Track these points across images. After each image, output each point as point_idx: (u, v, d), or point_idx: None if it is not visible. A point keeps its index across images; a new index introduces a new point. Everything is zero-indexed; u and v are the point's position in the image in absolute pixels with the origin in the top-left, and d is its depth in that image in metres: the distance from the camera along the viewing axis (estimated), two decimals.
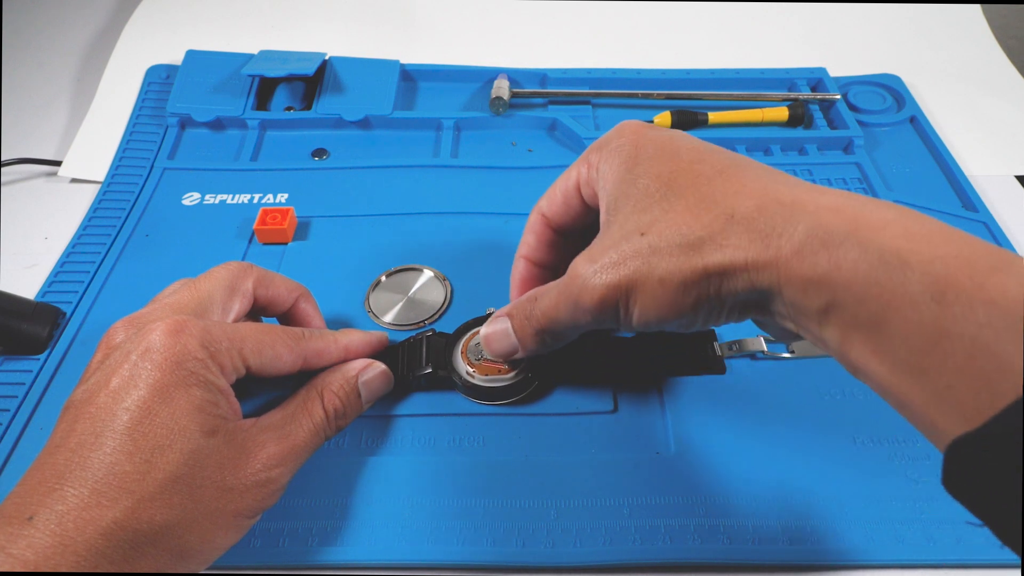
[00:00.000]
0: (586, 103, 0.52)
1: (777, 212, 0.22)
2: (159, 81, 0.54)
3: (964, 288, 0.18)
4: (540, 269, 0.33)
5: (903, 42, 0.59)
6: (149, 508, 0.23)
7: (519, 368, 0.33)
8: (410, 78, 0.55)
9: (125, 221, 0.45)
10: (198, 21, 0.59)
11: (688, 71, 0.54)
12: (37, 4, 0.66)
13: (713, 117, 0.50)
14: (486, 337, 0.31)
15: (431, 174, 0.47)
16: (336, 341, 0.32)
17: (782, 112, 0.51)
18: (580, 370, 0.35)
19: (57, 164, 0.49)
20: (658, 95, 0.52)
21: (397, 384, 0.33)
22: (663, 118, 0.50)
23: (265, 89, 0.53)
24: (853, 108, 0.52)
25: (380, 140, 0.51)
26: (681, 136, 0.27)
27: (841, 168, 0.48)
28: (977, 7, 0.61)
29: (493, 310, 0.36)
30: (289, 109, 0.52)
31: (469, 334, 0.35)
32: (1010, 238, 0.43)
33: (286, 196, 0.46)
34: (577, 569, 0.29)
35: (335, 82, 0.52)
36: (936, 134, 0.50)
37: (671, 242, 0.24)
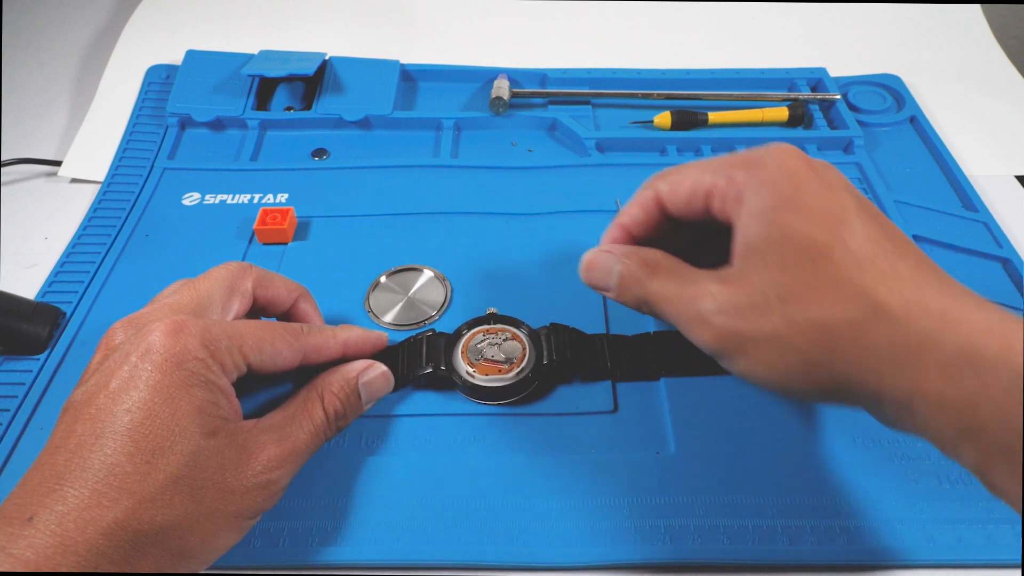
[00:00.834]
0: (586, 103, 0.52)
1: (923, 320, 0.22)
2: (159, 81, 0.54)
3: None
4: (633, 239, 0.31)
5: (903, 42, 0.59)
6: (150, 509, 0.23)
7: (519, 368, 0.33)
8: (410, 78, 0.55)
9: (125, 221, 0.45)
10: (198, 21, 0.59)
11: (688, 71, 0.54)
12: (37, 4, 0.66)
13: (713, 117, 0.50)
14: (590, 262, 0.30)
15: (431, 174, 0.47)
16: (335, 336, 0.32)
17: (782, 112, 0.51)
18: (582, 369, 0.35)
19: (57, 164, 0.49)
20: (658, 95, 0.52)
21: (397, 384, 0.33)
22: (663, 118, 0.50)
23: (265, 89, 0.53)
24: (853, 108, 0.52)
25: (380, 140, 0.51)
26: (841, 187, 0.26)
27: (841, 168, 0.47)
28: (977, 7, 0.61)
29: (494, 310, 0.36)
30: (289, 109, 0.52)
31: (469, 334, 0.35)
32: (1010, 238, 0.43)
33: (286, 196, 0.46)
34: (577, 569, 0.29)
35: (335, 82, 0.52)
36: (936, 134, 0.50)
37: (806, 319, 0.23)
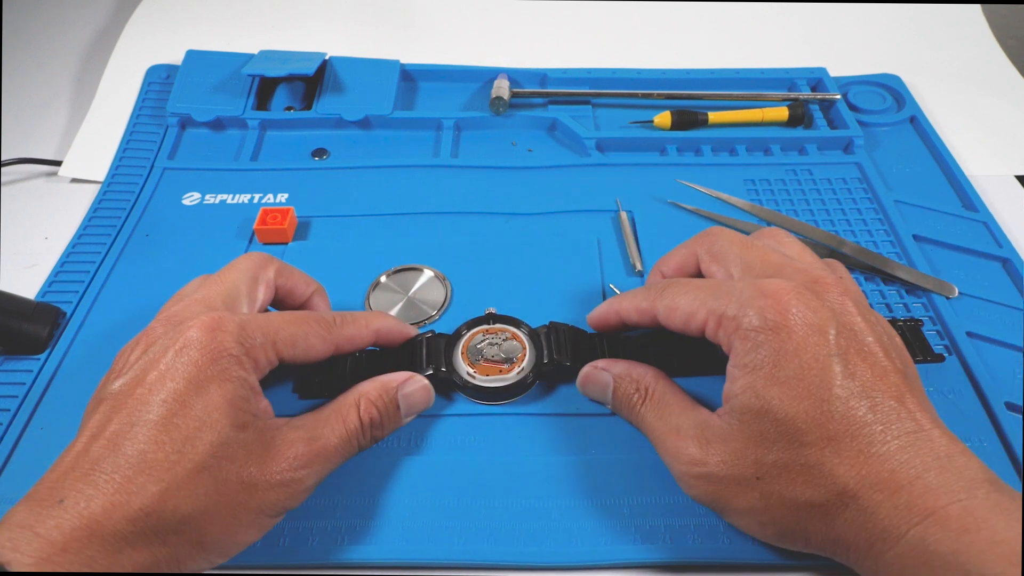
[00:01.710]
0: (586, 103, 0.52)
1: (886, 510, 0.23)
2: (159, 81, 0.54)
3: None
4: (624, 327, 0.34)
5: (903, 42, 0.59)
6: (175, 497, 0.24)
7: (519, 368, 0.33)
8: (410, 78, 0.55)
9: (125, 221, 0.45)
10: (198, 21, 0.59)
11: (688, 71, 0.54)
12: (37, 4, 0.66)
13: (713, 117, 0.50)
14: (587, 377, 0.32)
15: (431, 174, 0.47)
16: (368, 325, 0.32)
17: (782, 112, 0.51)
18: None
19: (57, 164, 0.49)
20: (658, 95, 0.52)
21: None
22: (663, 118, 0.50)
23: (265, 89, 0.53)
24: (853, 108, 0.52)
25: (380, 140, 0.51)
26: (826, 350, 0.25)
27: (841, 168, 0.48)
28: (977, 7, 0.61)
29: (493, 310, 0.36)
30: (289, 109, 0.52)
31: (469, 334, 0.35)
32: (1010, 238, 0.43)
33: (286, 196, 0.46)
34: (577, 569, 0.29)
35: (335, 82, 0.52)
36: (936, 134, 0.50)
37: (780, 499, 0.25)
